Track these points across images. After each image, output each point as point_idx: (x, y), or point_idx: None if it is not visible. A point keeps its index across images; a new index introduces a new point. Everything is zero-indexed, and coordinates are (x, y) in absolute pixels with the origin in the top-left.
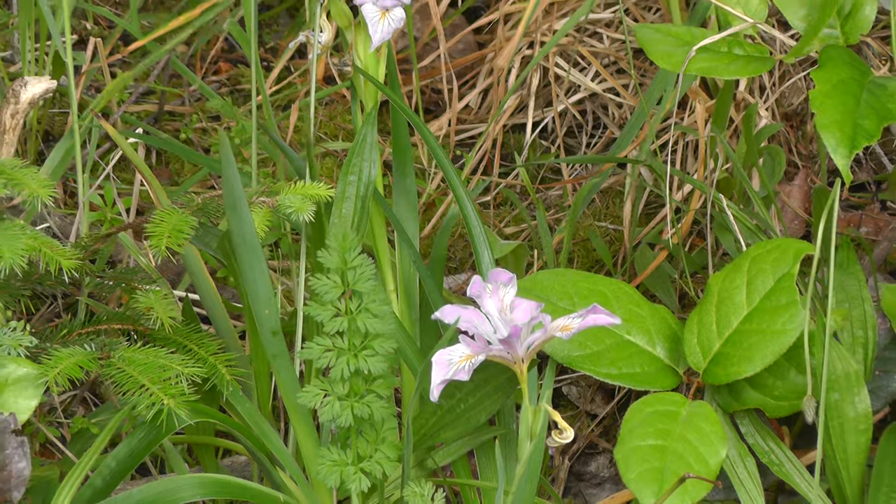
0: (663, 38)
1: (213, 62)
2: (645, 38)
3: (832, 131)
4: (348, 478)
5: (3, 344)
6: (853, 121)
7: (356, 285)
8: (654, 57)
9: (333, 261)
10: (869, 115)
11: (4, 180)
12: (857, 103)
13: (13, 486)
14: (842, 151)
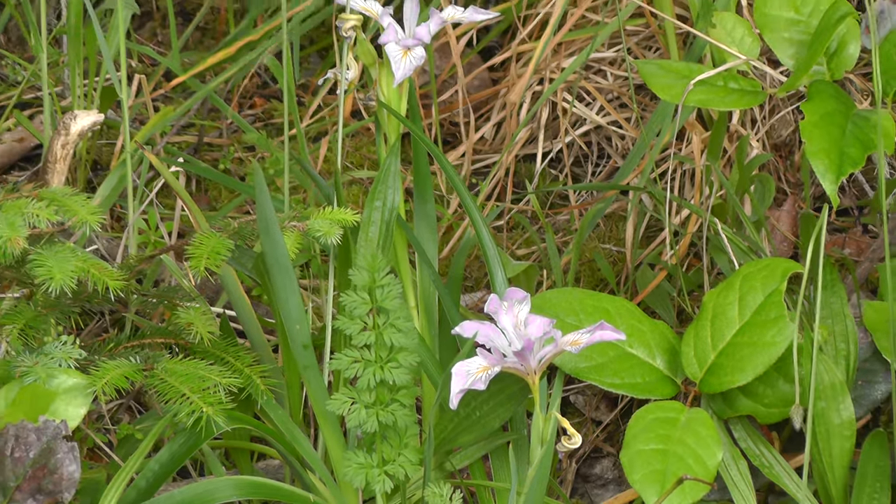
0: (664, 73)
1: (248, 97)
2: (647, 73)
3: (821, 158)
4: (373, 479)
5: (55, 356)
6: (840, 149)
7: (383, 302)
8: (655, 89)
9: (363, 279)
10: (854, 144)
11: (56, 207)
12: (843, 133)
13: (64, 487)
14: (830, 177)
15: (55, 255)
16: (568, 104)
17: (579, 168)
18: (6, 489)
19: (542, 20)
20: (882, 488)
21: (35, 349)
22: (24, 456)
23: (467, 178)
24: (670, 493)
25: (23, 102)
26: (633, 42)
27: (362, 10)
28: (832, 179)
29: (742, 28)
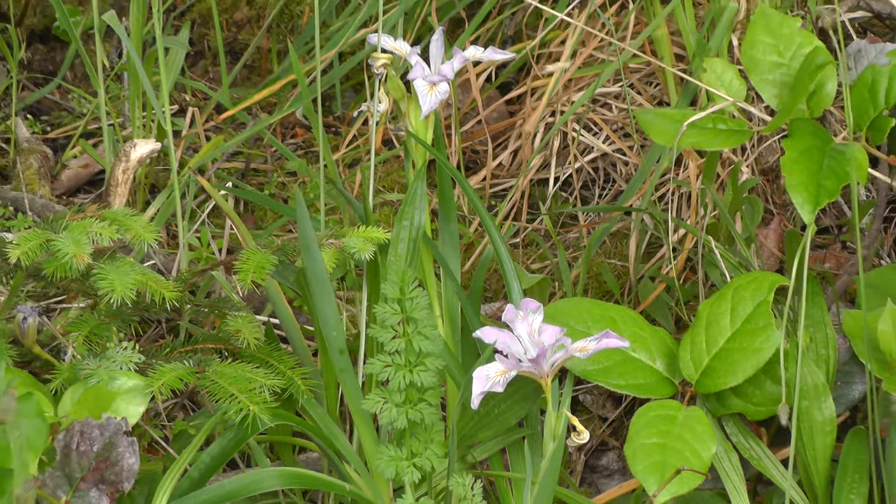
0: (659, 120)
1: (290, 128)
2: (644, 121)
3: (799, 191)
4: (403, 471)
5: (116, 360)
6: (817, 182)
7: (412, 313)
8: (652, 135)
9: (394, 292)
10: (830, 177)
11: (117, 226)
12: (820, 167)
13: (124, 478)
14: (807, 208)
15: (116, 269)
16: (577, 134)
17: (587, 191)
18: (72, 479)
19: (553, 59)
20: (861, 479)
21: (98, 354)
22: (89, 450)
23: (487, 200)
24: (669, 483)
25: (88, 132)
26: (635, 78)
27: (392, 49)
28: (809, 210)
29: (730, 72)
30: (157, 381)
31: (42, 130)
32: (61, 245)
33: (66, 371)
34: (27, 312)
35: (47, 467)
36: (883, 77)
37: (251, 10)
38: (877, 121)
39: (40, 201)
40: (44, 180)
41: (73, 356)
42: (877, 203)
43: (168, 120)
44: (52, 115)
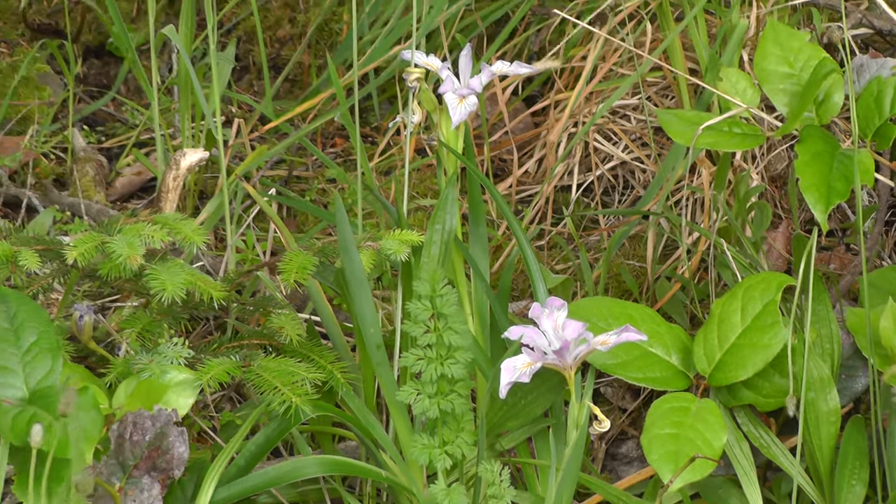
0: (678, 121)
1: (330, 138)
2: (665, 121)
3: (812, 192)
4: (435, 458)
5: (167, 355)
6: (828, 183)
7: (442, 309)
8: (671, 134)
9: (425, 289)
10: (839, 180)
11: (168, 229)
12: (830, 170)
13: (175, 465)
14: (820, 207)
15: (167, 269)
16: (598, 143)
17: (608, 197)
18: (126, 467)
19: (576, 73)
20: (861, 465)
21: (150, 349)
22: (141, 439)
23: (514, 205)
24: (683, 470)
25: (140, 142)
26: (652, 91)
27: (425, 64)
28: (822, 209)
29: (744, 81)
30: (206, 374)
31: (97, 140)
32: (115, 247)
33: (120, 366)
34: (83, 311)
35: (102, 456)
36: (888, 88)
37: (293, 28)
38: (882, 128)
39: (96, 207)
40: (99, 187)
41: (127, 352)
42: (878, 207)
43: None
44: (106, 126)
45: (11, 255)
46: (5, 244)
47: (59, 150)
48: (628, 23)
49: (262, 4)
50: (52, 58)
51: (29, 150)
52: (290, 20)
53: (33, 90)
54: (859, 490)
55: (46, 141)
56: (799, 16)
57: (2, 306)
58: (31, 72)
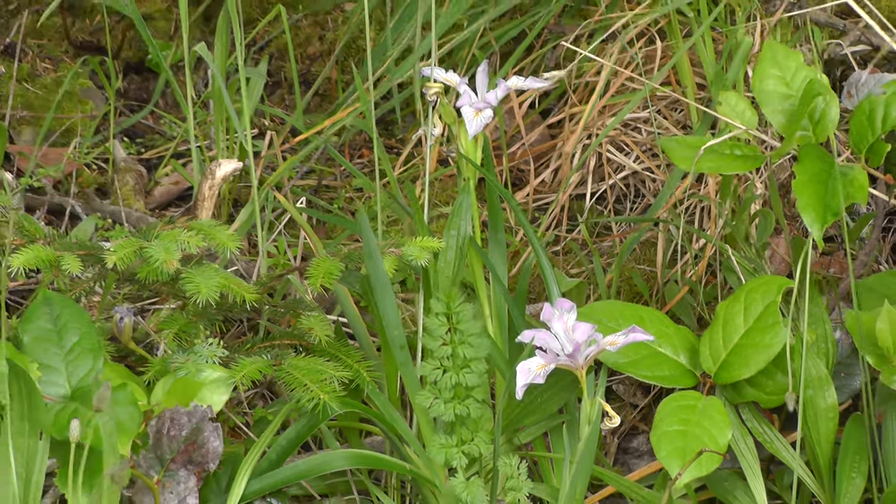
0: (680, 147)
1: (357, 149)
2: (667, 148)
3: (809, 212)
4: (452, 457)
5: (203, 355)
6: (824, 203)
7: (458, 325)
8: (674, 160)
9: (441, 307)
10: (835, 197)
11: (203, 235)
12: (826, 189)
13: (210, 459)
14: (816, 227)
15: (202, 273)
16: (611, 154)
17: (620, 205)
18: (163, 460)
19: (589, 88)
20: (861, 459)
21: (187, 349)
22: (178, 434)
23: (530, 213)
24: (690, 465)
25: (177, 153)
26: (661, 105)
27: (444, 80)
28: (818, 228)
29: (743, 103)
30: (239, 372)
31: (137, 152)
32: (153, 252)
33: (158, 364)
34: (123, 313)
35: (141, 450)
36: (879, 106)
37: (322, 45)
38: (875, 145)
39: (135, 214)
40: (138, 196)
41: (165, 351)
42: (875, 215)
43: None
44: (145, 138)
45: (55, 259)
46: (49, 249)
47: (100, 160)
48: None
49: (293, 23)
50: (94, 73)
51: (72, 160)
52: (319, 38)
53: (76, 104)
54: (859, 482)
55: (89, 152)
56: (801, 33)
57: (46, 308)
58: (74, 87)
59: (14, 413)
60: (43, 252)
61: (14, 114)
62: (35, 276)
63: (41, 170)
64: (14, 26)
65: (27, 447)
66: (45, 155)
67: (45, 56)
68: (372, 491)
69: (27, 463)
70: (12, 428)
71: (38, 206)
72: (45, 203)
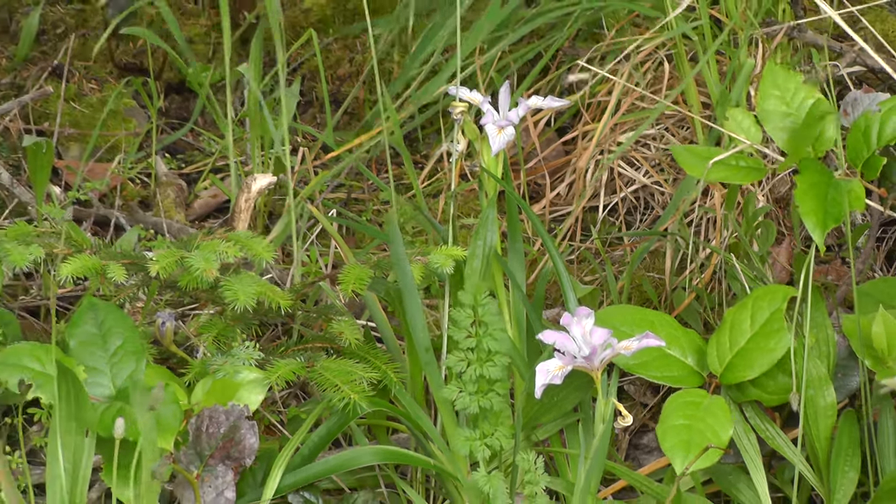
0: (691, 156)
1: (384, 164)
2: (678, 155)
3: (810, 217)
4: (476, 449)
5: (240, 357)
6: (824, 210)
7: (483, 317)
8: (685, 168)
9: (468, 299)
10: (834, 205)
11: (240, 246)
12: (825, 198)
13: (246, 454)
14: (818, 231)
15: (240, 281)
16: (622, 169)
17: (630, 216)
18: (203, 456)
19: (601, 107)
20: (854, 453)
21: (225, 352)
22: (216, 431)
23: (547, 224)
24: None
25: (216, 168)
26: (669, 123)
27: (468, 99)
28: (820, 233)
29: (748, 120)
30: (274, 374)
31: (177, 167)
32: (193, 261)
33: (198, 366)
34: (165, 317)
35: (182, 447)
36: (874, 123)
37: (351, 67)
38: (870, 160)
39: (176, 225)
40: (179, 208)
41: (204, 354)
42: (870, 226)
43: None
44: (185, 153)
45: (101, 268)
46: (95, 258)
47: (143, 175)
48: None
49: (324, 46)
50: (137, 93)
51: (117, 175)
52: (348, 60)
53: (121, 122)
54: (853, 476)
55: (132, 167)
56: (801, 55)
57: (91, 314)
58: (118, 106)
59: (62, 412)
60: (89, 261)
61: (62, 131)
62: (82, 284)
63: (88, 184)
64: (62, 49)
65: (74, 444)
66: (91, 170)
67: (90, 77)
68: (398, 485)
69: (74, 458)
70: (60, 426)
71: (85, 218)
72: (92, 215)
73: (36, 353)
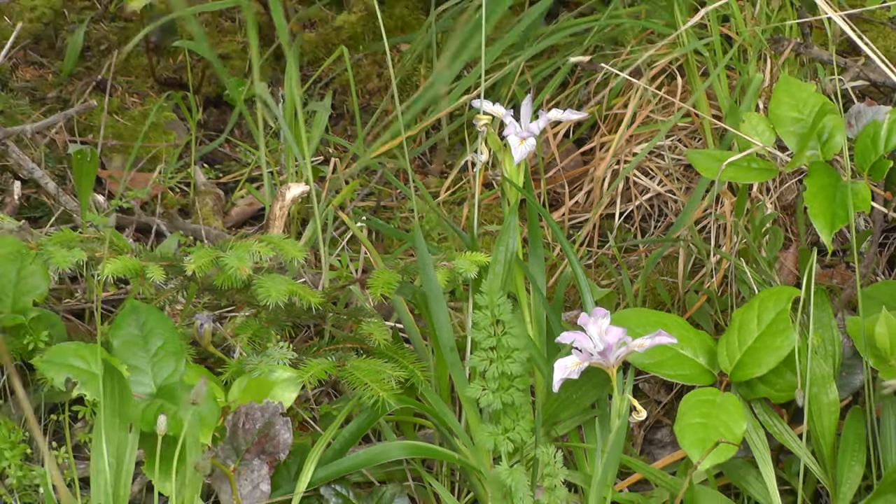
0: (705, 158)
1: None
2: (693, 158)
3: (819, 218)
4: (500, 443)
5: (274, 357)
6: (832, 211)
7: (500, 316)
8: (699, 169)
9: (486, 301)
10: (842, 207)
11: (272, 246)
12: (833, 200)
13: (280, 449)
14: (826, 231)
15: (272, 279)
16: (637, 178)
17: (645, 223)
18: (239, 451)
19: (618, 119)
20: (860, 448)
21: (260, 352)
22: (252, 427)
23: (566, 230)
24: (710, 453)
25: (252, 177)
26: (682, 134)
27: (491, 111)
28: (828, 233)
29: (763, 124)
30: (307, 373)
31: (215, 176)
32: (228, 260)
33: (234, 366)
34: (203, 319)
35: (220, 442)
36: (882, 129)
37: (380, 82)
38: (877, 164)
39: (214, 232)
40: (217, 216)
41: (241, 354)
42: (873, 232)
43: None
44: (223, 164)
45: (141, 269)
46: (136, 260)
47: (183, 184)
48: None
49: (354, 62)
50: (177, 107)
51: (157, 184)
52: (377, 75)
53: (161, 134)
54: (858, 469)
55: (172, 177)
56: (806, 70)
57: (133, 316)
58: (159, 119)
59: (106, 409)
60: (130, 262)
61: (105, 142)
62: (124, 288)
63: (130, 192)
64: (105, 65)
65: (118, 439)
66: (133, 179)
67: (132, 91)
68: (425, 478)
69: (118, 453)
70: (105, 422)
71: (128, 225)
72: (134, 222)
73: (81, 352)
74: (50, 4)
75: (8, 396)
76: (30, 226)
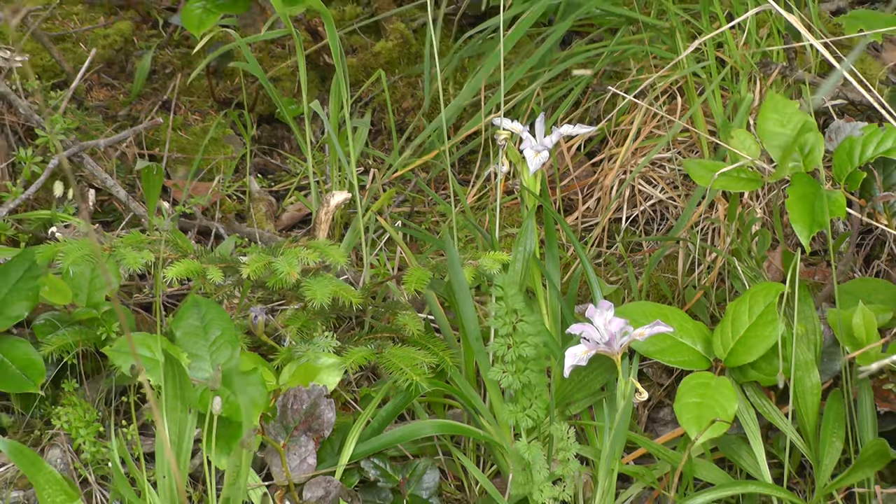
0: (700, 168)
1: (441, 182)
2: (689, 167)
3: (799, 223)
4: (520, 420)
5: (320, 345)
6: (811, 217)
7: (514, 305)
8: (694, 178)
9: (500, 293)
10: (820, 213)
11: (318, 252)
12: (813, 207)
13: (325, 427)
14: (804, 234)
15: (318, 282)
16: (641, 186)
17: (649, 226)
18: (288, 429)
19: (624, 134)
20: (839, 426)
21: (307, 341)
22: (300, 408)
23: (578, 233)
24: (706, 430)
25: (300, 186)
26: (681, 147)
27: (510, 128)
28: (806, 236)
29: (749, 139)
30: (349, 359)
31: (268, 185)
32: (278, 265)
33: (284, 353)
34: (257, 312)
35: (271, 420)
36: (857, 144)
37: (414, 101)
38: (853, 174)
39: (267, 235)
40: (269, 220)
41: (290, 342)
42: (851, 234)
43: (354, 176)
44: (275, 174)
45: (202, 270)
46: (197, 262)
47: (239, 192)
48: (661, 97)
49: (391, 83)
50: (234, 124)
51: (216, 192)
52: (411, 95)
53: (220, 148)
54: (838, 445)
55: (230, 186)
56: (792, 90)
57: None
58: (218, 134)
59: (168, 392)
60: (192, 265)
61: (170, 155)
62: (187, 284)
63: (192, 200)
64: (170, 86)
65: (179, 420)
66: (195, 188)
67: (194, 110)
68: (454, 452)
69: (179, 432)
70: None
71: (190, 228)
72: (196, 226)
73: (146, 342)
74: (121, 32)
75: (84, 381)
76: (103, 229)
